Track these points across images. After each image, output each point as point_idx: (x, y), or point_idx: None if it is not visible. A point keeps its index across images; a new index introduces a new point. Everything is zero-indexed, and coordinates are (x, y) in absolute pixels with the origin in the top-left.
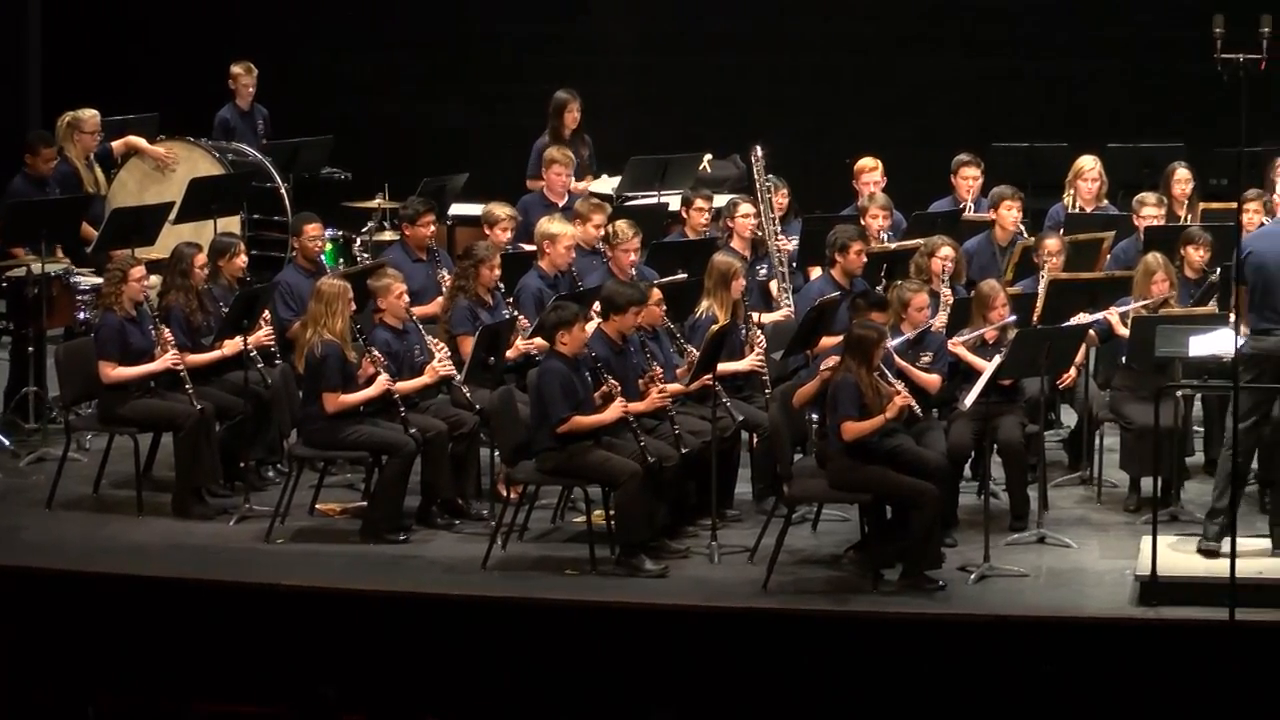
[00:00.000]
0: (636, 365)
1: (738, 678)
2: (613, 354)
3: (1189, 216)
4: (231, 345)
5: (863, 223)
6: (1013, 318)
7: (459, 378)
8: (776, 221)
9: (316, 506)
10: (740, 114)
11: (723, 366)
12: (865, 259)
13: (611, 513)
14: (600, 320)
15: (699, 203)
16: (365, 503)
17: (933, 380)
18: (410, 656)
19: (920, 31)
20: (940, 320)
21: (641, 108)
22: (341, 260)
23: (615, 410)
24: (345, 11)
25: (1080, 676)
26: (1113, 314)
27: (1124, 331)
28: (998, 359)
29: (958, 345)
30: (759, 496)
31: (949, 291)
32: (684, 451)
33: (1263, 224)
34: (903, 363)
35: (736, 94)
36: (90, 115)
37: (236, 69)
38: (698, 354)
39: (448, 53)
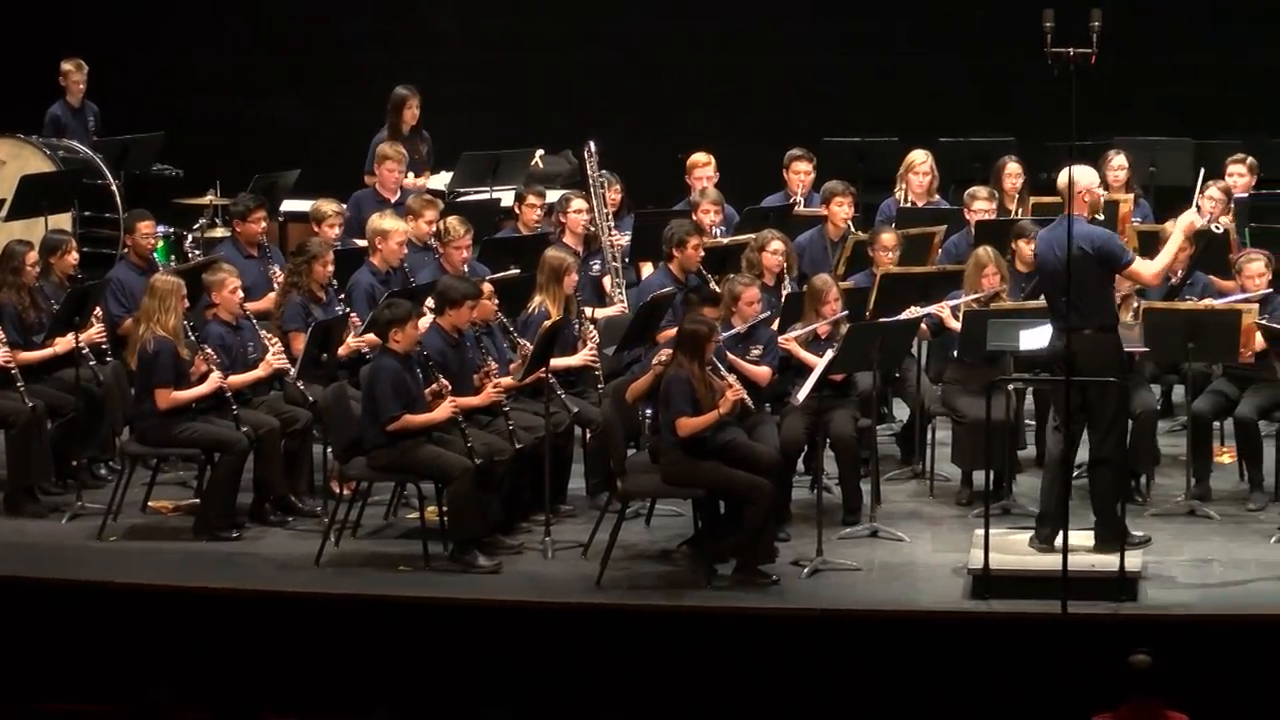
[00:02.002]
0: (471, 360)
1: (572, 674)
2: (448, 348)
3: (1020, 210)
4: (63, 343)
5: (695, 218)
6: (845, 312)
7: (292, 373)
8: (609, 217)
9: (149, 504)
10: (572, 110)
11: (556, 362)
12: (702, 254)
13: (444, 509)
14: (435, 315)
15: (531, 198)
16: (198, 500)
17: (763, 372)
18: (245, 654)
19: (752, 27)
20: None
21: (473, 104)
22: (173, 257)
23: (446, 410)
24: (176, 8)
25: (913, 670)
26: (944, 308)
27: (955, 325)
28: (830, 354)
29: (790, 341)
30: (592, 492)
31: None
32: (518, 447)
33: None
34: (734, 357)
35: (568, 90)
36: None
37: (67, 65)
38: (531, 349)
39: (279, 49)
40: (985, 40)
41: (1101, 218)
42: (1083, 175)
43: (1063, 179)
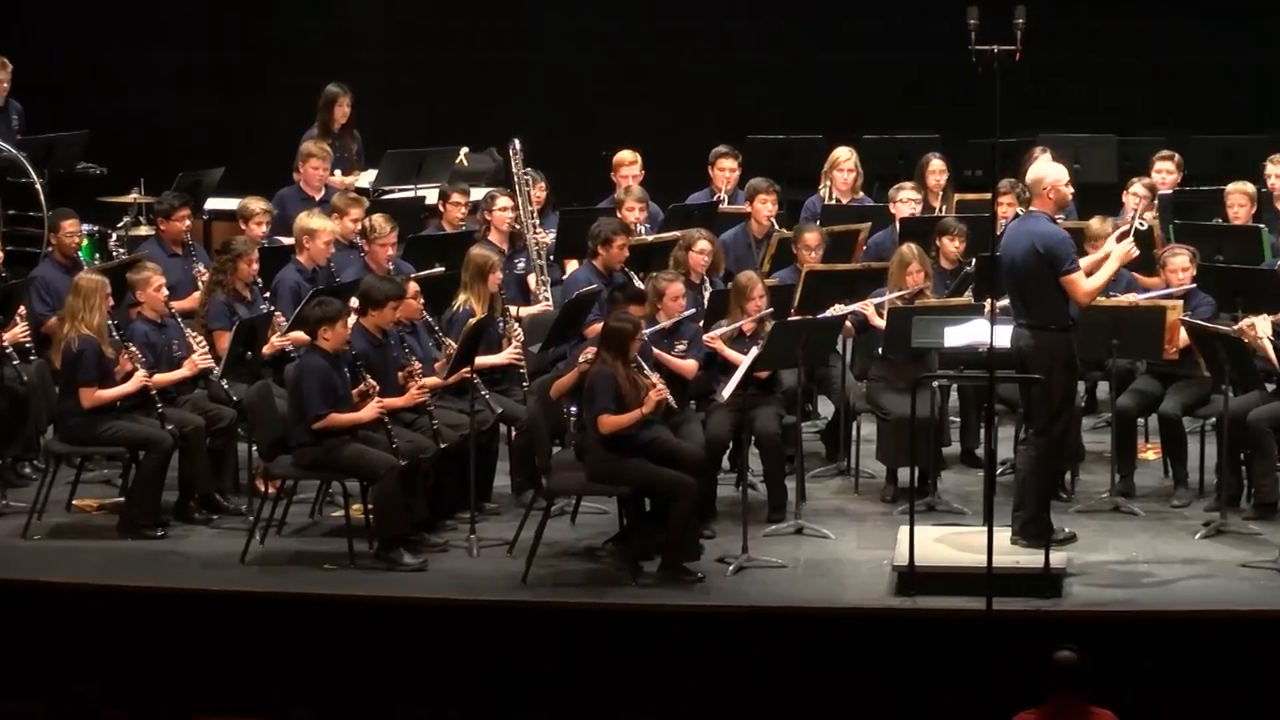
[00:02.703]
0: (396, 359)
1: (496, 672)
2: (372, 348)
3: (944, 207)
4: None
5: (620, 215)
6: (769, 310)
7: (217, 372)
8: (534, 214)
9: (74, 502)
10: (497, 107)
11: (481, 360)
12: (627, 251)
13: (369, 507)
14: (358, 315)
15: (456, 196)
16: (123, 498)
17: (688, 366)
18: (170, 652)
19: (678, 24)
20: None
21: (397, 101)
22: (98, 255)
23: (372, 410)
24: (101, 6)
25: (838, 667)
26: (869, 305)
27: (880, 322)
28: (755, 351)
29: (715, 338)
30: (517, 489)
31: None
32: (442, 445)
33: (1017, 214)
34: (659, 352)
35: (493, 87)
36: None
37: None
38: (455, 348)
39: (204, 47)
40: (909, 37)
41: (1062, 217)
42: (1051, 171)
43: (1031, 174)
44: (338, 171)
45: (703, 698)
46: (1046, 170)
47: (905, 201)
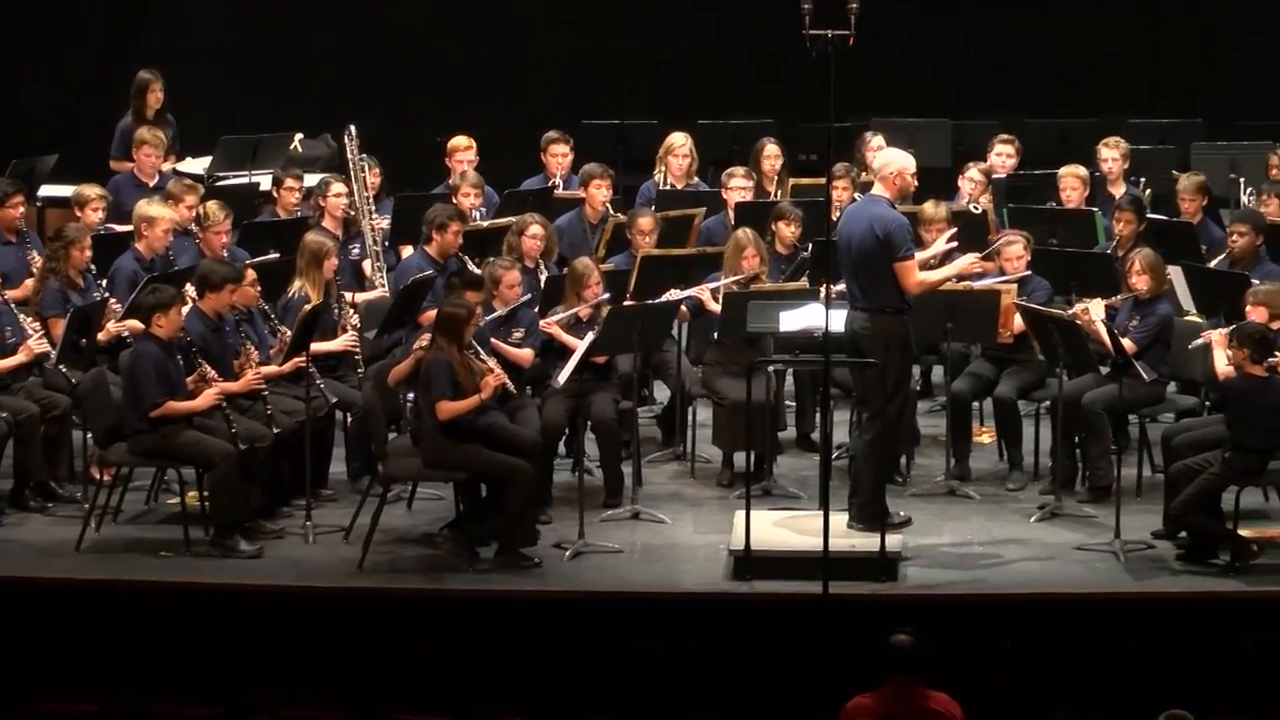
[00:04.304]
0: (232, 345)
1: (334, 658)
2: (209, 331)
3: (779, 192)
4: None
5: (455, 201)
6: (605, 295)
7: (52, 359)
8: (369, 200)
9: None
10: (332, 93)
11: (316, 346)
12: (462, 237)
13: (205, 494)
14: (195, 298)
15: (290, 182)
16: None
17: (524, 355)
18: (5, 641)
19: (511, 10)
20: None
21: (232, 88)
22: None
23: (209, 397)
24: None
25: (676, 652)
26: (704, 290)
27: (715, 307)
28: (591, 336)
29: (551, 324)
30: (354, 476)
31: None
32: (276, 431)
33: (853, 199)
34: (495, 340)
35: (328, 73)
36: None
37: None
38: (291, 334)
39: (37, 33)
40: (743, 22)
41: (898, 207)
42: (900, 159)
43: (880, 158)
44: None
45: (540, 682)
46: (895, 156)
47: (737, 188)
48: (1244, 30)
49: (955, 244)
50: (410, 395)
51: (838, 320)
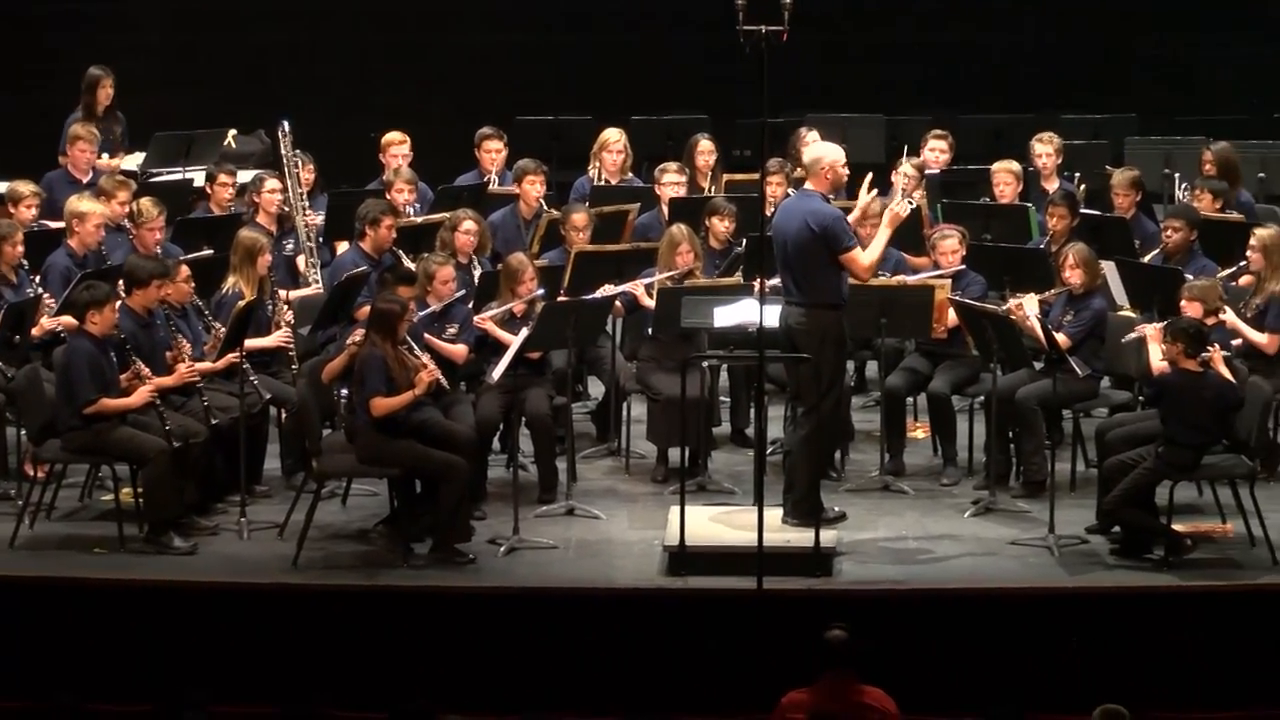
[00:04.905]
0: (163, 339)
1: (269, 654)
2: (139, 328)
3: (713, 187)
4: None
5: (389, 197)
6: (540, 291)
7: None
8: (303, 196)
9: None
10: (265, 90)
11: (250, 342)
12: (395, 233)
13: (139, 490)
14: (124, 295)
15: (223, 178)
16: None
17: (458, 350)
18: None
19: (445, 5)
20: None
21: (166, 84)
22: None
23: (143, 394)
24: None
25: (611, 647)
26: (638, 285)
27: (649, 303)
28: (525, 332)
29: (486, 320)
30: (288, 472)
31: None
32: (215, 423)
33: (787, 194)
34: (429, 337)
35: (261, 70)
36: None
37: None
38: (225, 330)
39: None
40: (677, 18)
41: (833, 200)
42: (830, 152)
43: (810, 153)
44: (104, 154)
45: (475, 678)
46: (825, 150)
47: (670, 183)
48: (1178, 26)
49: (875, 190)
50: (344, 391)
51: (771, 315)
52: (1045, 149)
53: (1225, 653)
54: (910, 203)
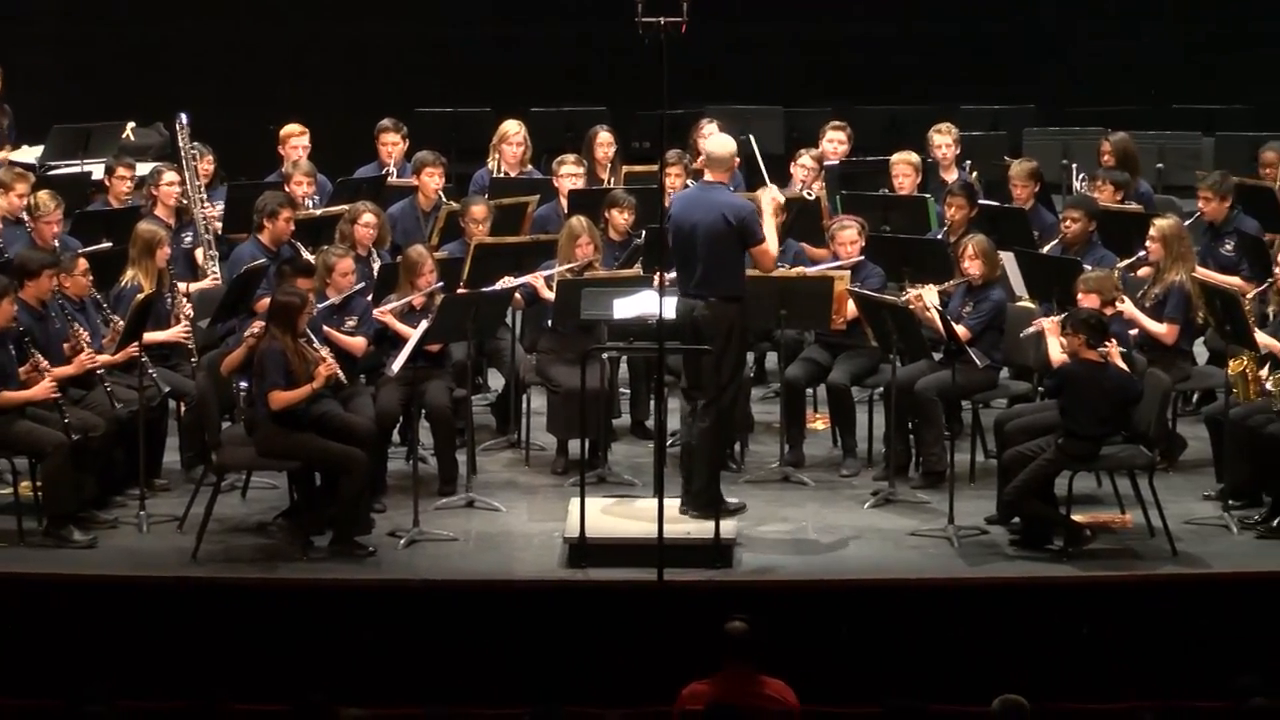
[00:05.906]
0: (60, 331)
1: (169, 648)
2: (34, 320)
3: (612, 179)
4: None
5: (288, 189)
6: (439, 283)
7: None
8: (202, 189)
9: None
10: (163, 82)
11: (149, 336)
12: (294, 225)
13: (38, 484)
14: (16, 288)
15: (121, 171)
16: None
17: (358, 344)
18: None
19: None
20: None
21: (64, 77)
22: None
23: (45, 388)
24: None
25: (511, 640)
26: (538, 278)
27: (549, 295)
28: (425, 324)
29: (385, 313)
30: (188, 465)
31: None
32: (120, 407)
33: (685, 185)
34: (329, 330)
35: (159, 62)
36: None
37: None
38: (124, 323)
39: None
40: (576, 9)
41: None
42: (733, 143)
43: (716, 146)
44: None
45: (375, 672)
46: (730, 143)
47: (568, 175)
48: (1075, 16)
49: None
50: (244, 384)
51: (670, 307)
52: (943, 140)
53: (1124, 643)
54: (809, 194)
